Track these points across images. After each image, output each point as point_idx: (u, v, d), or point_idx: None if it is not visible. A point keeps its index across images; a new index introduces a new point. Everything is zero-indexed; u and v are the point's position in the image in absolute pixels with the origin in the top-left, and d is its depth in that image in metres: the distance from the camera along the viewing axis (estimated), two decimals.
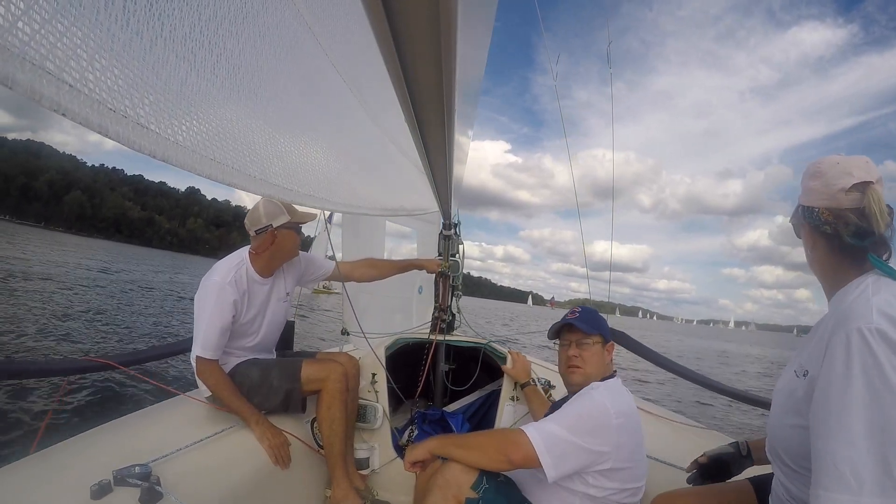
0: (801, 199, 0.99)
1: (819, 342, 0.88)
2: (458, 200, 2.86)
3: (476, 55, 1.11)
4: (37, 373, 1.60)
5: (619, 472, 1.21)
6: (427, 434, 2.48)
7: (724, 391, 2.28)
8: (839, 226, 0.90)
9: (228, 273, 1.72)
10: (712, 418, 7.84)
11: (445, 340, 2.85)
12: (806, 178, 0.98)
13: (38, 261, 21.35)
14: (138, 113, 0.49)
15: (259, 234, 1.79)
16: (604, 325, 1.47)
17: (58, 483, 1.13)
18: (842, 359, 0.79)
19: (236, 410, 1.65)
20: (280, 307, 1.94)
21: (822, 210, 0.92)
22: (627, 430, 1.22)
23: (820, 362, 0.84)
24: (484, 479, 1.28)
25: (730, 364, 22.47)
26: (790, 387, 0.95)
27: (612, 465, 1.19)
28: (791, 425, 0.92)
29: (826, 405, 0.79)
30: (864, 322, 0.79)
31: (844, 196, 0.90)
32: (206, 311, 1.66)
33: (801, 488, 0.93)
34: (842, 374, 0.78)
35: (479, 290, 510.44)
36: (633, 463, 1.25)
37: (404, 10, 0.62)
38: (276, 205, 1.81)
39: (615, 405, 1.23)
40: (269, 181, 0.97)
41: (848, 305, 0.85)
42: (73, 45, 0.41)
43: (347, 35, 1.26)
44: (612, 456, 1.18)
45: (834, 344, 0.81)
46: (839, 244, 0.91)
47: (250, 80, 0.84)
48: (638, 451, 1.28)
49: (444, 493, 1.28)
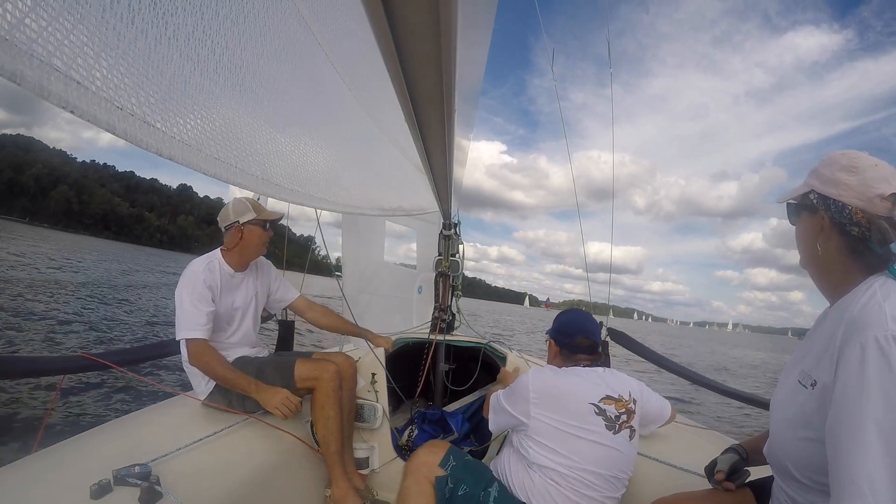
0: (824, 189, 0.91)
1: (827, 349, 0.84)
2: (457, 200, 2.86)
3: (476, 56, 1.12)
4: (31, 371, 1.59)
5: (543, 440, 1.35)
6: (427, 434, 2.48)
7: (722, 390, 2.29)
8: (871, 231, 0.85)
9: (202, 263, 1.83)
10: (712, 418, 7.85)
11: (445, 340, 2.85)
12: (835, 169, 0.90)
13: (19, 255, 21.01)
14: (144, 111, 0.49)
15: (228, 230, 1.89)
16: (554, 325, 1.63)
17: (58, 483, 1.13)
18: (856, 368, 0.76)
19: (234, 384, 1.67)
20: (254, 302, 2.00)
21: (856, 210, 0.87)
22: (544, 406, 1.36)
23: (831, 371, 0.81)
24: (451, 457, 1.42)
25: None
26: (797, 398, 0.90)
27: (532, 432, 1.36)
28: (801, 438, 0.88)
29: (841, 416, 0.76)
30: (880, 330, 0.76)
31: (880, 202, 0.85)
32: (184, 295, 1.72)
33: (805, 498, 0.91)
34: (857, 384, 0.75)
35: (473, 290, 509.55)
36: (558, 437, 1.34)
37: (404, 10, 0.62)
38: (243, 202, 1.91)
39: (535, 384, 1.40)
40: (270, 180, 0.98)
41: (859, 312, 0.81)
42: (80, 43, 0.41)
43: (348, 35, 1.26)
44: (529, 424, 1.36)
45: (848, 353, 0.78)
46: (861, 248, 0.87)
47: (252, 79, 0.84)
48: (565, 426, 1.34)
49: (416, 476, 1.41)
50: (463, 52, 0.75)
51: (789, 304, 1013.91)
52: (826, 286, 0.95)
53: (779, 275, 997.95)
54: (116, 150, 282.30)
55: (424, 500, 1.37)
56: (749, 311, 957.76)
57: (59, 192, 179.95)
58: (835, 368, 0.80)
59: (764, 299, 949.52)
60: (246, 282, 1.97)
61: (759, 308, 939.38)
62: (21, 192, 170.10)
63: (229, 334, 1.90)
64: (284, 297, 2.17)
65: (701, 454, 1.59)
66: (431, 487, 1.37)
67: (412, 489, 1.39)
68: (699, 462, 1.52)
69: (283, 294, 2.16)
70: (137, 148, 0.49)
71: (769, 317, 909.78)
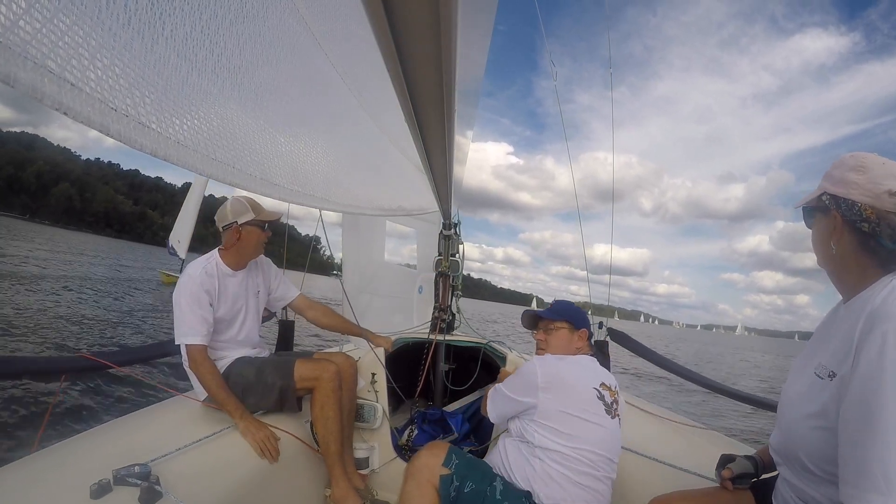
0: (834, 189, 0.94)
1: (845, 342, 0.86)
2: (458, 200, 2.86)
3: (476, 55, 1.12)
4: (31, 371, 1.59)
5: (550, 423, 1.38)
6: (427, 434, 2.48)
7: (722, 390, 2.29)
8: (881, 226, 0.88)
9: (199, 266, 1.82)
10: (712, 418, 7.85)
11: (445, 340, 2.85)
12: (844, 170, 0.93)
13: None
14: (139, 112, 0.49)
15: (226, 230, 1.88)
16: (575, 314, 1.63)
17: (58, 482, 1.13)
18: (876, 356, 0.77)
19: (222, 403, 1.66)
20: (255, 300, 2.00)
21: (866, 206, 0.89)
22: (553, 391, 1.39)
23: (849, 362, 0.82)
24: (453, 456, 1.41)
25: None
26: (814, 390, 0.92)
27: (539, 416, 1.38)
28: (815, 428, 0.90)
29: (859, 405, 0.78)
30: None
31: (888, 198, 0.88)
32: (182, 300, 1.72)
33: (816, 489, 0.92)
34: (875, 373, 0.77)
35: (479, 291, 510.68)
36: (565, 420, 1.38)
37: (404, 10, 0.62)
38: (241, 203, 1.90)
39: (544, 369, 1.42)
40: (269, 181, 0.98)
41: (880, 305, 0.83)
42: (75, 44, 0.41)
43: (347, 35, 1.26)
44: (538, 407, 1.38)
45: (869, 342, 0.80)
46: (873, 244, 0.89)
47: (251, 80, 0.84)
48: (573, 409, 1.39)
49: (418, 479, 1.38)
50: (463, 52, 0.75)
51: (795, 308, 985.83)
52: (843, 284, 0.97)
53: (785, 278, 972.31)
54: (123, 149, 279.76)
55: (427, 502, 1.36)
56: (755, 315, 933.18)
57: (60, 189, 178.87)
58: (853, 359, 0.82)
59: (770, 302, 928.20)
60: (245, 281, 1.96)
61: (765, 311, 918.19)
62: (21, 189, 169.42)
63: (230, 334, 1.89)
64: (285, 295, 2.16)
65: (701, 454, 1.58)
66: (434, 490, 1.36)
67: (414, 493, 1.38)
68: (699, 462, 1.52)
69: (284, 293, 2.16)
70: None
71: (775, 320, 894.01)
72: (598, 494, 1.37)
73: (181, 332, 1.70)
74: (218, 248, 1.93)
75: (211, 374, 1.68)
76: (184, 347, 1.70)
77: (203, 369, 1.67)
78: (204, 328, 1.71)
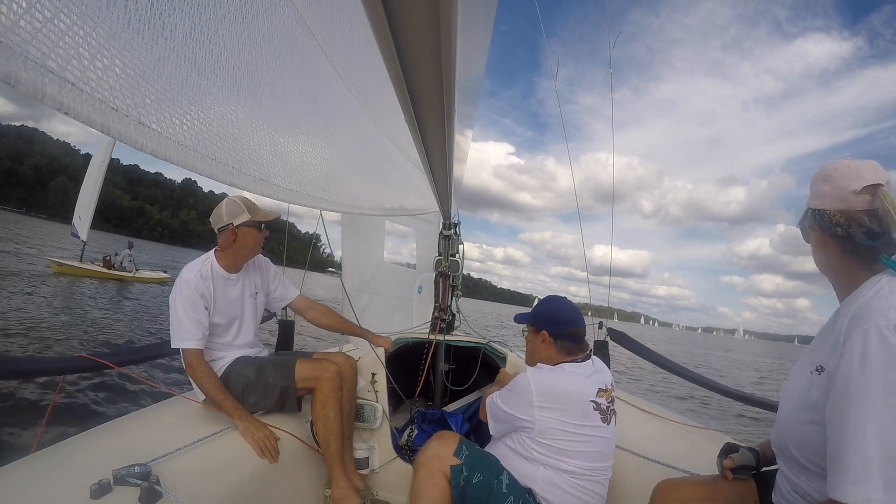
0: (811, 203, 1.00)
1: (834, 339, 0.89)
2: (457, 200, 2.86)
3: (476, 55, 1.12)
4: (31, 371, 1.59)
5: (547, 441, 1.39)
6: (427, 434, 2.48)
7: (722, 390, 2.29)
8: (852, 227, 0.91)
9: (194, 269, 1.80)
10: (711, 417, 7.85)
11: (445, 340, 2.85)
12: (816, 183, 0.99)
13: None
14: (139, 112, 0.49)
15: (221, 231, 1.86)
16: (536, 315, 1.59)
17: (58, 483, 1.13)
18: (858, 354, 0.80)
19: (220, 405, 1.66)
20: (252, 302, 1.99)
21: (834, 212, 0.93)
22: (548, 409, 1.38)
23: (836, 358, 0.85)
24: (464, 447, 1.43)
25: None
26: (806, 385, 0.95)
27: (537, 435, 1.39)
28: (805, 421, 0.93)
29: (841, 398, 0.81)
30: (882, 319, 0.80)
31: (855, 198, 0.91)
32: (177, 304, 1.71)
33: (807, 483, 0.94)
34: (858, 369, 0.80)
35: (478, 291, 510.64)
36: (563, 438, 1.38)
37: (404, 10, 0.62)
38: (237, 204, 1.88)
39: (538, 385, 1.41)
40: (269, 181, 0.98)
41: (865, 304, 0.86)
42: (75, 44, 0.41)
43: (347, 36, 1.26)
44: (535, 426, 1.39)
45: (851, 340, 0.82)
46: (851, 246, 0.92)
47: (250, 80, 0.84)
48: (570, 427, 1.39)
49: (429, 469, 1.39)
50: (463, 52, 0.75)
51: (795, 312, 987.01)
52: (839, 289, 1.01)
53: (785, 281, 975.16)
54: (122, 144, 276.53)
55: (439, 491, 1.36)
56: (754, 318, 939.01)
57: (57, 182, 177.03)
58: (839, 355, 0.85)
59: (769, 306, 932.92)
60: (242, 282, 1.95)
61: (765, 314, 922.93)
62: (18, 183, 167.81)
63: (229, 336, 1.89)
64: (284, 296, 2.15)
65: (700, 454, 1.59)
66: (445, 479, 1.37)
67: (426, 481, 1.38)
68: (698, 462, 1.52)
69: (283, 293, 2.15)
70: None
71: (774, 324, 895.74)
72: (595, 495, 1.39)
73: (177, 335, 1.69)
74: (214, 249, 1.91)
75: (207, 377, 1.67)
76: (181, 352, 1.70)
77: (199, 373, 1.67)
78: (199, 332, 1.71)
